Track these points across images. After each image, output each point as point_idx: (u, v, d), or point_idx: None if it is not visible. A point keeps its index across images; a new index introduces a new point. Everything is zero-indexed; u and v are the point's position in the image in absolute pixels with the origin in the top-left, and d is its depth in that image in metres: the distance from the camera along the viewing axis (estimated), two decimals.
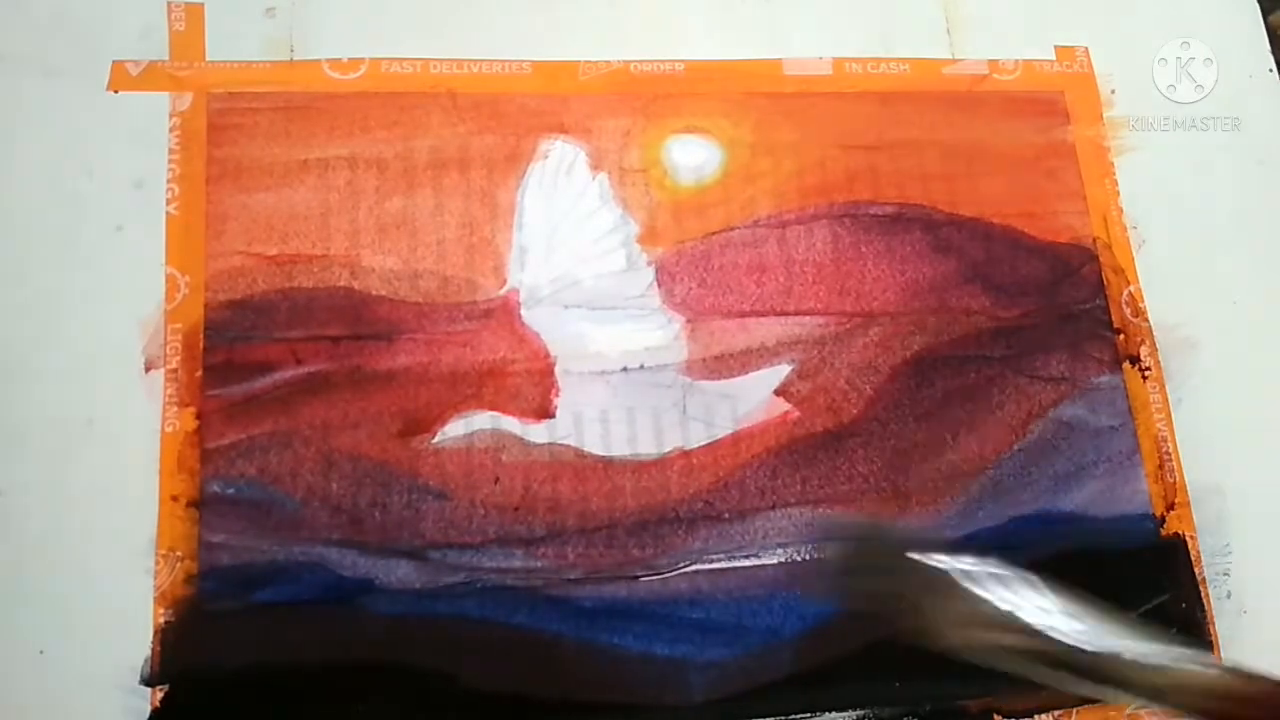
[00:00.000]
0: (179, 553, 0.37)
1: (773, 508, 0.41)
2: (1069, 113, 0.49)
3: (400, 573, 0.38)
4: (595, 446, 0.41)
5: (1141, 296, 0.46)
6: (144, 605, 0.37)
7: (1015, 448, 0.44)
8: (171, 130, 0.42)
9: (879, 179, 0.46)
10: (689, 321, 0.43)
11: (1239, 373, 0.46)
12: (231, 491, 0.38)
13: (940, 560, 0.34)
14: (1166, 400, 0.45)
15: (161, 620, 0.37)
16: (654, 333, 0.43)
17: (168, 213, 0.41)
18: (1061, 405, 0.44)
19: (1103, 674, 0.30)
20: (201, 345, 0.39)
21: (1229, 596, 0.43)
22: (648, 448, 0.41)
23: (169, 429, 0.38)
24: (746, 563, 0.40)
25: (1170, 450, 0.45)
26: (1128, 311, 0.46)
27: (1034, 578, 0.33)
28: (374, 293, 0.41)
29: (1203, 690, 0.29)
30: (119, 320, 0.39)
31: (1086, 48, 0.50)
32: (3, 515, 0.37)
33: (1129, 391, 0.45)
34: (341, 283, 0.41)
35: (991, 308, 0.45)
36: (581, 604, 0.39)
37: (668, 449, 0.41)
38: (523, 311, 0.42)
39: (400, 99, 0.44)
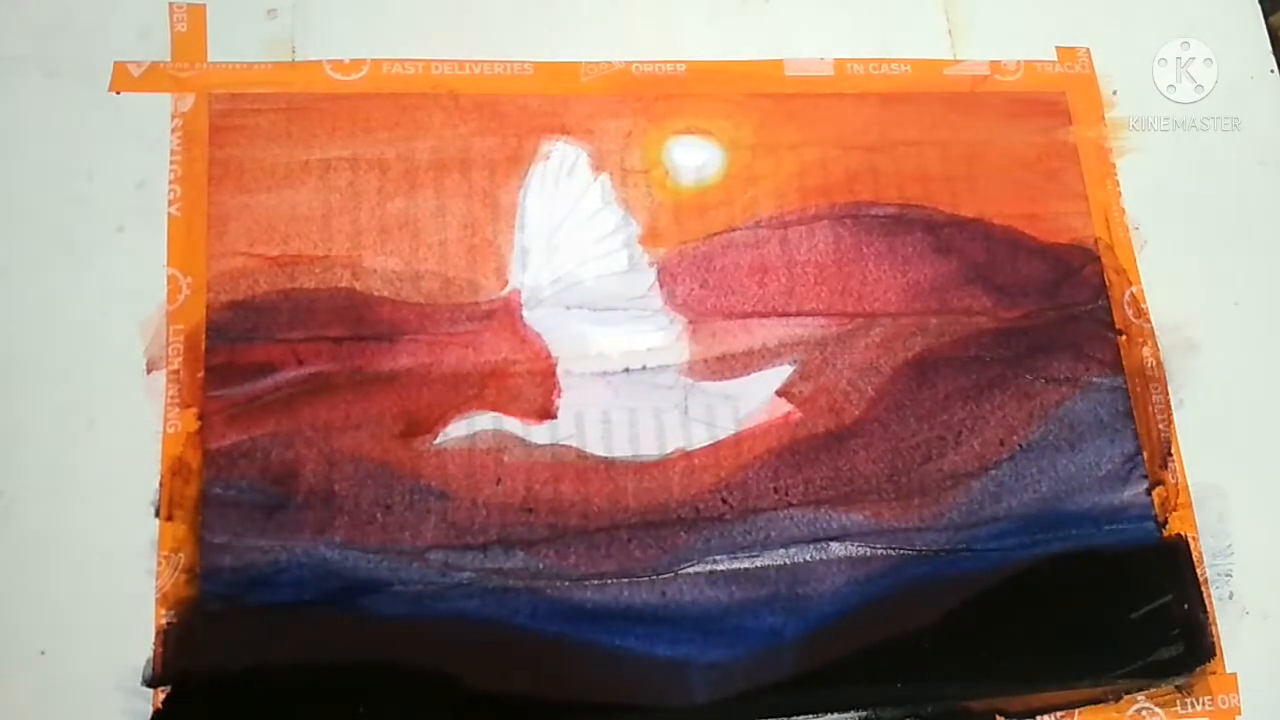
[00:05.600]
0: (181, 554, 0.37)
1: (775, 508, 0.41)
2: (1070, 113, 0.49)
3: (402, 573, 0.38)
4: (597, 447, 0.41)
5: (1143, 297, 0.46)
6: (146, 606, 0.37)
7: (1017, 448, 0.44)
8: (173, 131, 0.42)
9: (880, 180, 0.46)
10: (691, 322, 0.43)
11: (1241, 374, 0.46)
12: (233, 493, 0.38)
13: None
14: (1168, 401, 0.45)
15: (163, 621, 0.37)
16: (656, 333, 0.43)
17: (169, 214, 0.41)
18: (1063, 406, 0.44)
19: None
20: (203, 346, 0.39)
21: (1231, 598, 0.43)
22: (649, 448, 0.41)
23: (171, 430, 0.38)
24: (748, 564, 0.40)
25: (1172, 451, 0.45)
26: (1130, 312, 0.46)
27: None
28: (376, 294, 0.41)
29: None
30: (121, 321, 0.39)
31: (1088, 48, 0.50)
32: (4, 516, 0.37)
33: (1131, 392, 0.45)
34: (343, 284, 0.41)
35: (993, 309, 0.45)
36: (583, 605, 0.39)
37: (670, 450, 0.41)
38: (524, 312, 0.42)
39: (402, 100, 0.44)
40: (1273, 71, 0.51)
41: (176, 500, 0.38)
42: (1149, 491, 0.44)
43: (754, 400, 0.42)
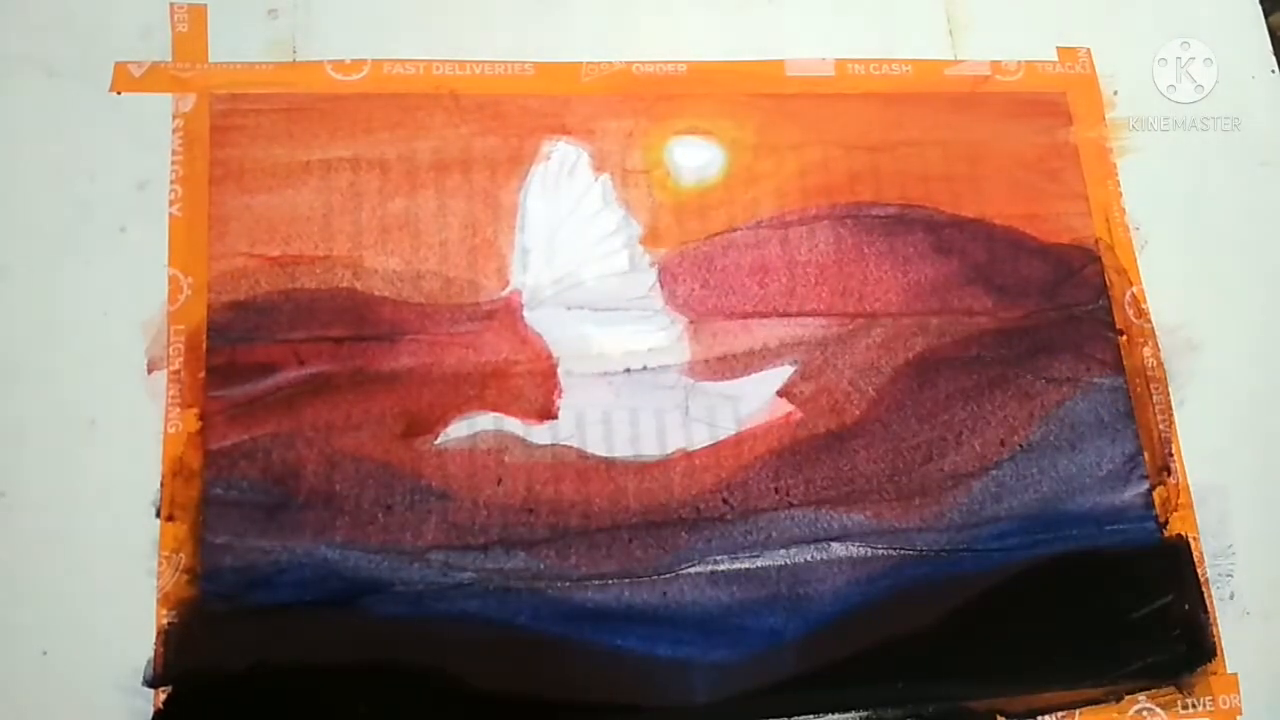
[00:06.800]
0: (182, 554, 0.37)
1: (776, 509, 0.41)
2: (1071, 114, 0.49)
3: (403, 574, 0.38)
4: (598, 447, 0.41)
5: (1144, 297, 0.46)
6: (147, 607, 0.37)
7: (1018, 448, 0.44)
8: (174, 131, 0.42)
9: (881, 180, 0.46)
10: (691, 322, 0.43)
11: (1241, 374, 0.46)
12: (234, 493, 0.38)
13: None
14: (1169, 401, 0.45)
15: (164, 622, 0.37)
16: (657, 334, 0.43)
17: (170, 214, 0.41)
18: (1064, 406, 0.44)
19: None
20: (204, 346, 0.39)
21: (1232, 598, 0.43)
22: (650, 449, 0.41)
23: (172, 430, 0.38)
24: (750, 564, 0.40)
25: (1173, 451, 0.45)
26: (1131, 313, 0.46)
27: None
28: (377, 294, 0.41)
29: None
30: (122, 321, 0.39)
31: (1089, 49, 0.50)
32: (5, 516, 0.37)
33: (1131, 393, 0.45)
34: (344, 284, 0.41)
35: (994, 309, 0.45)
36: (584, 605, 0.39)
37: (670, 450, 0.41)
38: (525, 313, 0.42)
39: (403, 100, 0.44)
40: (1273, 71, 0.51)
41: (178, 500, 0.38)
42: (1150, 492, 0.44)
43: (755, 400, 0.42)
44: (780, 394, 0.43)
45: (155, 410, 0.39)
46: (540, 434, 0.41)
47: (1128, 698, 0.41)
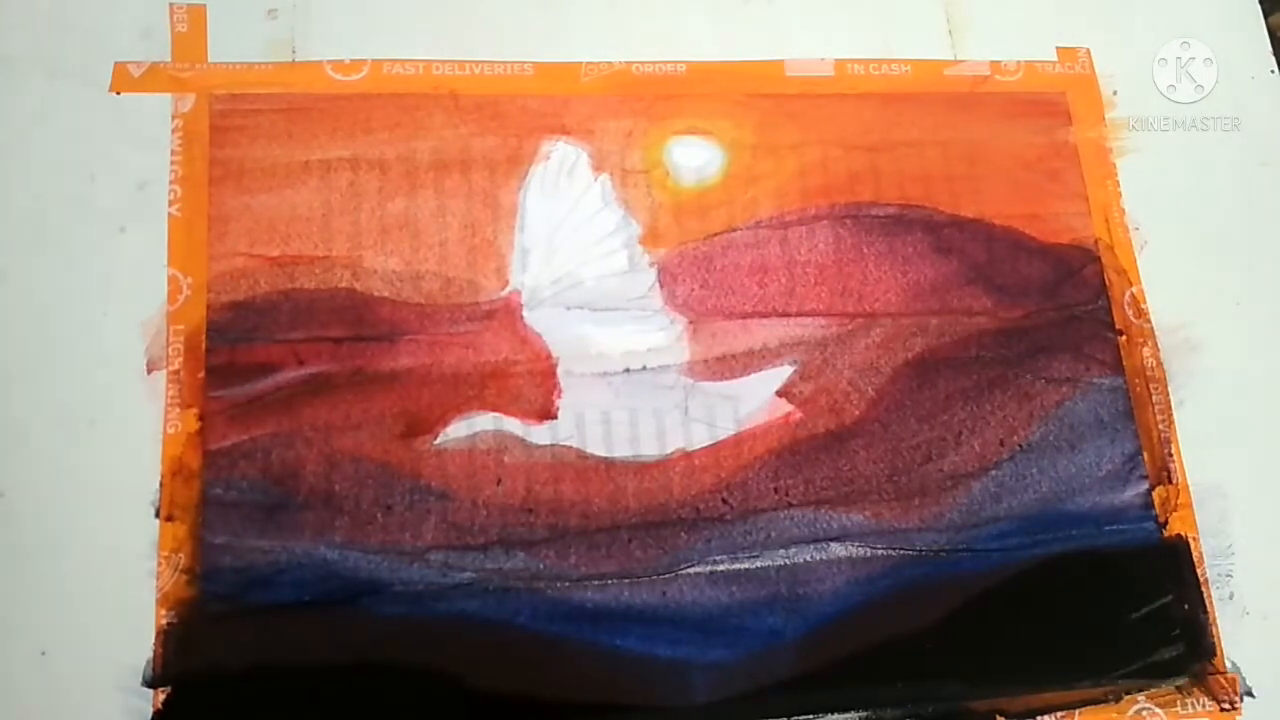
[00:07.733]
0: (181, 554, 0.37)
1: (775, 509, 0.41)
2: (1071, 114, 0.49)
3: (402, 574, 0.38)
4: (597, 448, 0.41)
5: (1144, 298, 0.46)
6: (146, 607, 0.37)
7: (1017, 449, 0.44)
8: (174, 131, 0.42)
9: (881, 180, 0.46)
10: (691, 322, 0.43)
11: (1241, 374, 0.46)
12: (234, 493, 0.38)
13: None
14: (1169, 401, 0.45)
15: (163, 622, 0.37)
16: (656, 334, 0.43)
17: (170, 214, 0.41)
18: (1064, 406, 0.44)
19: None
20: (204, 346, 0.39)
21: (1232, 598, 0.43)
22: (650, 449, 0.41)
23: (171, 430, 0.38)
24: (749, 564, 0.40)
25: (1173, 452, 0.45)
26: (1130, 313, 0.46)
27: None
28: (376, 294, 0.41)
29: None
30: (121, 321, 0.39)
31: (1088, 49, 0.50)
32: (4, 516, 0.37)
33: (1131, 392, 0.45)
34: (343, 284, 0.41)
35: (993, 309, 0.45)
36: (584, 605, 0.39)
37: (670, 450, 0.41)
38: (525, 313, 0.42)
39: (402, 100, 0.44)
40: (1273, 71, 0.51)
41: (177, 501, 0.38)
42: (1149, 492, 0.44)
43: (754, 400, 0.42)
44: (780, 394, 0.43)
45: (155, 410, 0.39)
46: (540, 434, 0.41)
47: (1127, 698, 0.41)
